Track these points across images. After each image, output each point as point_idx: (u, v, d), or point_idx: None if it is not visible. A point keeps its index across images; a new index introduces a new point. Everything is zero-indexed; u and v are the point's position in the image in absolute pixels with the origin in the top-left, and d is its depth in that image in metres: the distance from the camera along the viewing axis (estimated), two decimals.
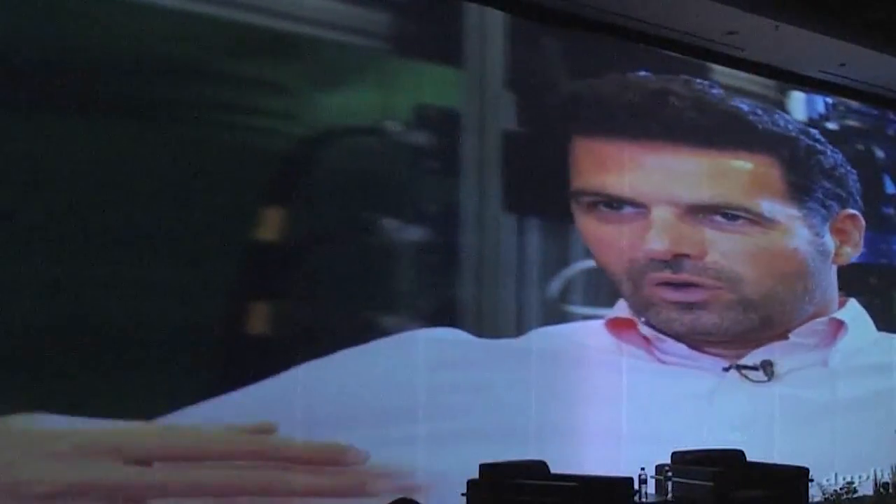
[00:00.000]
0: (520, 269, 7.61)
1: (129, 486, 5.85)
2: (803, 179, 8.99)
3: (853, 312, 9.52)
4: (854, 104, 9.96)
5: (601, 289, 8.15)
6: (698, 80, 8.65)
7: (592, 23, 8.06)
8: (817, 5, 8.30)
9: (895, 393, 10.00)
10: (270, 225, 6.52)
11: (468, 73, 7.45)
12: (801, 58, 9.03)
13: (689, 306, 8.28)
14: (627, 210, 8.11)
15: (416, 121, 7.13)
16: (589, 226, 8.00)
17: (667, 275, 8.15)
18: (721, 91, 8.77)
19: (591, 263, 8.07)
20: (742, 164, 8.67)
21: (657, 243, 8.10)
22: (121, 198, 5.94)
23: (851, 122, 9.92)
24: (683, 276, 8.21)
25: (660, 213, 8.14)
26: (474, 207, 7.39)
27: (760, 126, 8.87)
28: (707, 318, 8.36)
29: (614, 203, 8.09)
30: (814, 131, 9.31)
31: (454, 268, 7.29)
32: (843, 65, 9.21)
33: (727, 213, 8.42)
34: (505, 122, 7.60)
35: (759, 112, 8.93)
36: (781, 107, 9.26)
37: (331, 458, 6.55)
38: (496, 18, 7.60)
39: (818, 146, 9.22)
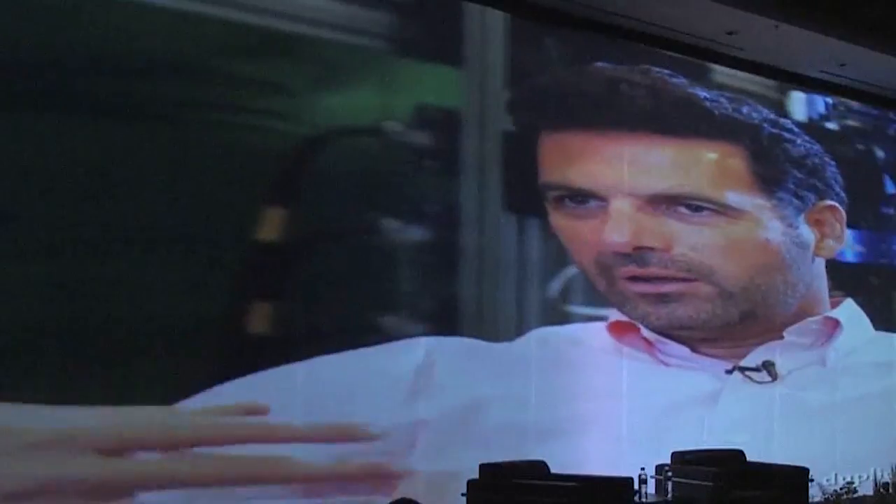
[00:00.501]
0: (520, 268, 7.61)
1: (109, 480, 5.79)
2: (770, 169, 8.75)
3: (849, 311, 9.48)
4: (854, 104, 9.95)
5: (595, 289, 8.14)
6: (656, 69, 8.42)
7: (592, 23, 8.06)
8: (817, 5, 8.29)
9: (895, 393, 10.00)
10: (270, 225, 6.52)
11: (468, 73, 7.44)
12: (801, 58, 9.03)
13: (662, 299, 8.13)
14: (592, 203, 7.94)
15: (416, 121, 7.13)
16: (558, 222, 7.84)
17: (633, 269, 7.99)
18: (682, 80, 8.53)
19: None
20: (705, 153, 8.47)
21: (616, 236, 7.91)
22: (120, 198, 5.94)
23: (851, 122, 9.91)
24: (651, 270, 8.05)
25: (618, 205, 7.95)
26: (474, 207, 7.39)
27: (717, 112, 8.60)
28: (682, 311, 8.21)
29: (578, 197, 7.90)
30: (785, 121, 9.08)
31: (454, 268, 7.29)
32: (843, 65, 9.20)
33: (690, 203, 8.21)
34: (505, 122, 7.59)
35: (721, 100, 8.70)
36: (781, 107, 9.25)
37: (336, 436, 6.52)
38: (496, 18, 7.60)
39: (785, 135, 8.97)
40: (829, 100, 9.73)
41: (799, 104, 9.44)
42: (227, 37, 6.41)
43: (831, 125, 9.66)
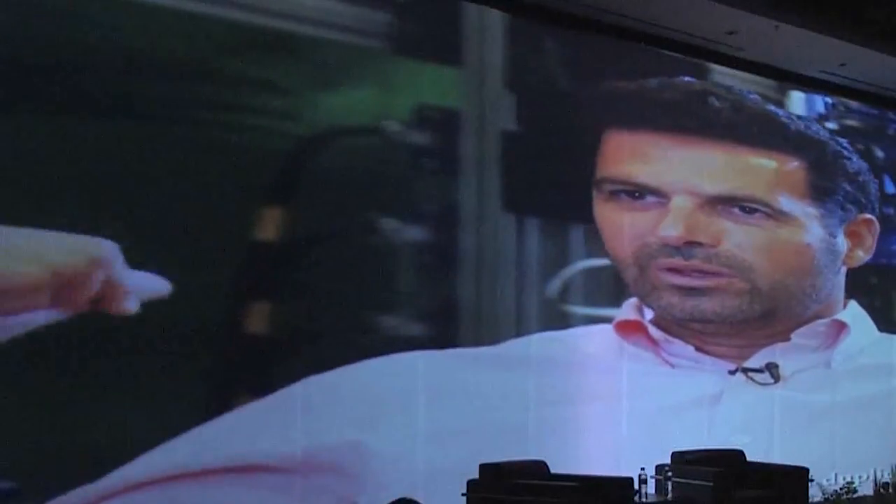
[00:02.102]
0: (519, 268, 7.61)
1: None
2: (826, 182, 9.16)
3: (854, 313, 9.55)
4: (854, 104, 9.96)
5: (601, 288, 8.16)
6: (737, 88, 8.96)
7: (592, 23, 8.06)
8: (817, 5, 8.29)
9: (895, 393, 10.00)
10: (270, 225, 6.52)
11: (468, 73, 7.45)
12: (801, 58, 9.03)
13: (692, 292, 8.38)
14: (649, 199, 8.28)
15: (415, 121, 7.13)
16: (607, 212, 8.17)
17: (677, 261, 8.30)
18: (757, 97, 9.03)
19: (591, 263, 8.08)
20: (768, 161, 8.87)
21: (671, 230, 8.25)
22: (120, 197, 5.94)
23: (851, 122, 9.92)
24: (694, 263, 8.35)
25: (678, 202, 8.31)
26: (474, 207, 7.40)
27: (793, 128, 9.10)
28: (708, 305, 8.46)
29: (636, 192, 8.25)
30: (843, 140, 9.52)
31: (453, 268, 7.30)
32: (843, 65, 9.21)
33: (745, 205, 8.57)
34: (505, 122, 7.60)
35: (794, 117, 9.19)
36: (781, 107, 9.29)
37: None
38: (496, 18, 7.60)
39: (845, 153, 9.44)
40: (829, 100, 9.73)
41: (799, 104, 9.46)
42: (227, 37, 6.40)
43: (831, 125, 9.67)
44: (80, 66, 5.85)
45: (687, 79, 8.73)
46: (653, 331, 8.33)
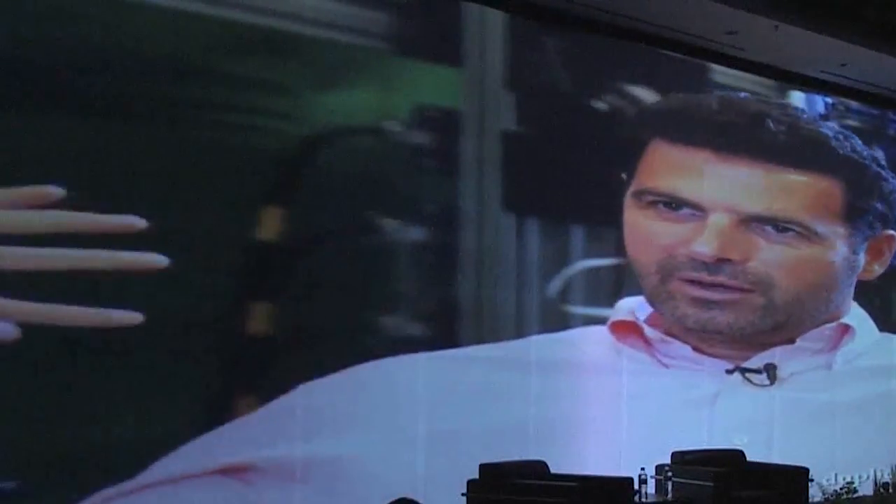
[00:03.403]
0: (519, 269, 7.61)
1: None
2: (861, 202, 9.25)
3: (856, 315, 9.55)
4: (854, 104, 9.95)
5: (601, 288, 8.16)
6: (793, 106, 9.07)
7: (592, 23, 8.06)
8: (817, 5, 8.29)
9: (895, 394, 10.00)
10: (270, 225, 6.52)
11: (468, 73, 7.45)
12: (801, 58, 9.03)
13: (710, 305, 8.40)
14: (684, 211, 8.32)
15: (415, 121, 7.13)
16: (640, 220, 8.25)
17: (702, 276, 8.32)
18: (808, 115, 9.17)
19: (591, 263, 8.07)
20: (808, 181, 8.94)
21: (705, 246, 8.30)
22: (120, 197, 5.93)
23: (851, 122, 9.91)
24: (719, 279, 8.37)
25: (716, 219, 8.36)
26: (474, 208, 7.40)
27: (841, 151, 9.17)
28: (723, 318, 8.49)
29: (674, 204, 8.30)
30: (880, 156, 9.61)
31: (453, 268, 7.29)
32: (843, 65, 9.20)
33: (780, 224, 8.63)
34: (505, 122, 7.60)
35: (841, 138, 9.25)
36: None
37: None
38: (496, 18, 7.60)
39: (883, 173, 9.53)
40: (829, 100, 9.73)
41: (799, 104, 9.45)
42: (227, 37, 6.40)
43: (831, 125, 9.66)
44: (80, 66, 5.84)
45: (744, 95, 8.84)
46: (648, 331, 8.30)
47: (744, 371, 8.81)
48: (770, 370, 8.93)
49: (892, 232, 9.53)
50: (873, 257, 9.35)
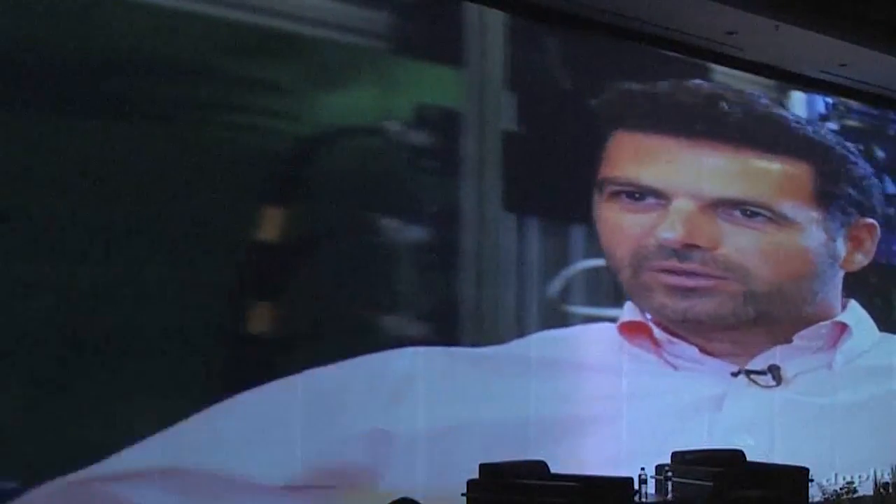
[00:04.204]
0: (520, 268, 7.61)
1: None
2: (831, 186, 9.16)
3: (856, 315, 9.54)
4: (854, 104, 9.95)
5: (601, 288, 8.16)
6: (747, 91, 8.93)
7: (592, 22, 8.06)
8: (817, 5, 8.29)
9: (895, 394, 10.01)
10: (270, 225, 6.52)
11: (468, 73, 7.45)
12: (801, 58, 9.03)
13: (686, 293, 8.33)
14: (649, 200, 8.25)
15: (416, 121, 7.13)
16: (607, 213, 8.16)
17: (672, 263, 8.25)
18: (767, 100, 9.04)
19: (591, 263, 8.08)
20: (774, 165, 8.86)
21: (670, 232, 8.22)
22: (120, 198, 5.94)
23: (851, 122, 9.92)
24: (690, 266, 8.31)
25: (679, 204, 8.28)
26: (474, 207, 7.39)
27: (801, 133, 9.11)
28: (702, 307, 8.42)
29: (637, 193, 8.23)
30: (849, 144, 9.51)
31: (454, 268, 7.29)
32: (843, 65, 9.20)
33: (747, 209, 8.55)
34: (505, 122, 7.60)
35: (802, 121, 9.19)
36: (786, 109, 9.30)
37: None
38: (496, 18, 7.60)
39: (851, 157, 9.45)
40: (829, 100, 9.73)
41: (799, 104, 9.45)
42: (227, 37, 6.40)
43: (831, 125, 9.67)
44: (80, 67, 5.84)
45: (697, 82, 8.72)
46: (657, 332, 8.30)
47: (749, 373, 8.81)
48: (774, 371, 8.93)
49: (870, 220, 9.47)
50: (855, 246, 9.28)
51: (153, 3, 6.10)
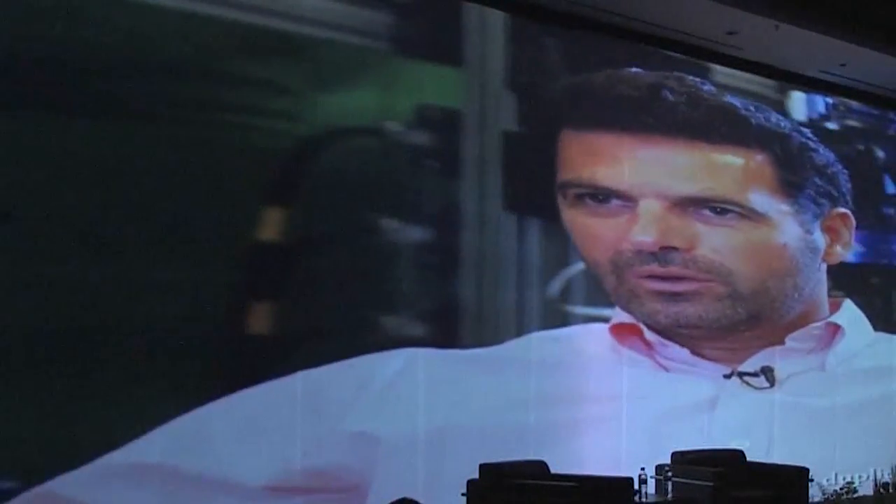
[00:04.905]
0: (520, 268, 7.61)
1: None
2: (795, 176, 8.97)
3: (850, 315, 9.50)
4: (854, 104, 9.95)
5: (601, 289, 8.15)
6: (691, 77, 8.64)
7: (592, 23, 8.05)
8: (817, 5, 8.29)
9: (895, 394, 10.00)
10: (271, 225, 6.52)
11: (468, 73, 7.45)
12: (801, 58, 9.03)
13: (674, 298, 8.24)
14: (614, 203, 8.06)
15: (416, 121, 7.13)
16: (575, 219, 7.96)
17: (654, 268, 8.12)
18: (713, 88, 8.75)
19: None
20: (734, 158, 8.65)
21: (644, 235, 8.05)
22: (120, 198, 5.94)
23: (851, 122, 9.92)
24: (671, 269, 8.19)
25: (647, 206, 8.09)
26: (474, 207, 7.40)
27: (753, 121, 8.83)
28: (692, 310, 8.33)
29: (600, 195, 8.03)
30: (806, 130, 9.30)
31: (454, 268, 7.29)
32: (843, 65, 9.20)
33: (716, 206, 8.38)
34: (505, 122, 7.59)
35: (752, 108, 8.90)
36: (781, 107, 9.27)
37: None
38: (496, 18, 7.60)
39: (811, 143, 9.22)
40: (829, 100, 9.73)
41: (799, 104, 9.44)
42: (228, 37, 6.40)
43: (831, 125, 9.67)
44: (80, 66, 5.85)
45: (635, 70, 8.38)
46: (648, 334, 8.25)
47: (741, 375, 8.77)
48: (767, 373, 8.90)
49: (843, 210, 9.31)
50: (833, 239, 9.15)
51: (153, 4, 6.10)
